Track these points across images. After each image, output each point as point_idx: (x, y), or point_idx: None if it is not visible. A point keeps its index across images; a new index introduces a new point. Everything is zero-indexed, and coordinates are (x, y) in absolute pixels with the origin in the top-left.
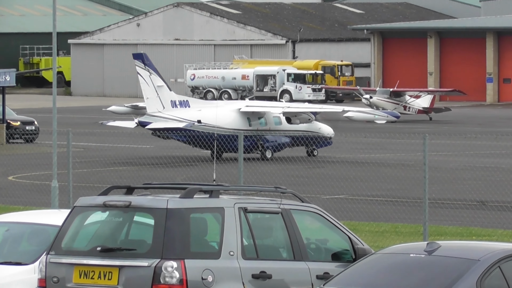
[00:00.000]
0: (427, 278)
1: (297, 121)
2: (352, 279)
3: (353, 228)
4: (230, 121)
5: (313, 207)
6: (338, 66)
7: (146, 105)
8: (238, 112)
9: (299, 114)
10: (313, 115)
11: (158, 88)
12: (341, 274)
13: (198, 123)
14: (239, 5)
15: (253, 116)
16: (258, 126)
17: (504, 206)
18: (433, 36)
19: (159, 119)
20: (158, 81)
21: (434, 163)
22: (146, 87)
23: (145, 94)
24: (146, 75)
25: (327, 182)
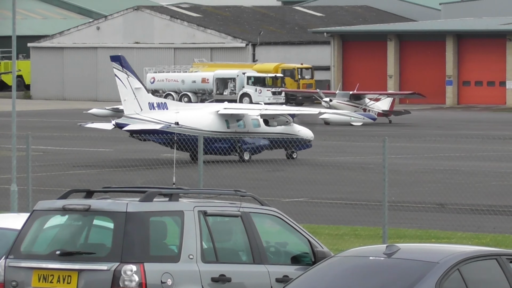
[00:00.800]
0: (387, 281)
1: (274, 123)
2: (311, 282)
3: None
4: (208, 123)
5: (272, 210)
6: (298, 69)
7: (123, 107)
8: (216, 115)
9: (277, 116)
10: (290, 117)
11: (136, 90)
12: (300, 277)
13: (176, 125)
14: (199, 8)
15: (231, 119)
16: (236, 128)
17: (464, 208)
18: (393, 39)
19: (137, 121)
20: (136, 83)
21: (393, 166)
22: (124, 89)
23: (122, 96)
24: (123, 77)
25: (286, 185)
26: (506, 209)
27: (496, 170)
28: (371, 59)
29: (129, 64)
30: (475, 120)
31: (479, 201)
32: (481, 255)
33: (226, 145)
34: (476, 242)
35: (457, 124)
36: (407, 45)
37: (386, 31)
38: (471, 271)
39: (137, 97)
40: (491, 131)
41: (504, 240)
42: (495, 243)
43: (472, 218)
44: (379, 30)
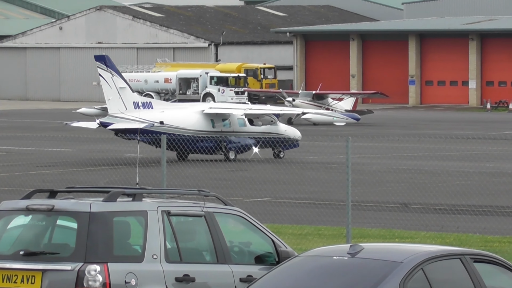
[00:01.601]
0: (350, 281)
1: (259, 123)
2: (275, 282)
3: (276, 230)
4: (193, 122)
5: (236, 210)
6: (260, 69)
7: (108, 106)
8: (201, 114)
9: (261, 116)
10: (275, 117)
11: (120, 90)
12: (264, 277)
13: (161, 124)
14: (162, 8)
15: (217, 118)
16: (221, 127)
17: (427, 208)
18: (355, 38)
19: (121, 120)
20: (120, 83)
21: (357, 166)
22: (108, 89)
23: (106, 96)
24: (108, 77)
25: (250, 185)
26: (469, 208)
27: (459, 169)
28: (333, 59)
29: (113, 63)
30: (438, 119)
31: (442, 200)
32: (445, 254)
33: (211, 144)
34: (439, 242)
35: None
36: (370, 44)
37: (348, 30)
38: (435, 271)
39: (122, 96)
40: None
41: (467, 239)
42: (458, 242)
43: (436, 218)
44: (341, 30)
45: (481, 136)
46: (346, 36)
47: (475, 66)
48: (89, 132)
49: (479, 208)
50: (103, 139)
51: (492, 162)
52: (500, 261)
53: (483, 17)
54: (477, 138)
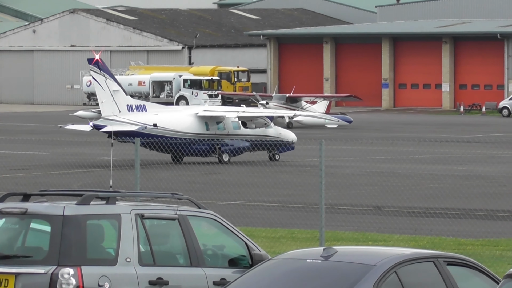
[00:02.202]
0: (324, 284)
1: (252, 125)
2: (248, 285)
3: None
4: (187, 125)
5: (209, 213)
6: (234, 72)
7: (101, 108)
8: (195, 117)
9: (255, 118)
10: (269, 119)
11: (114, 93)
12: (237, 280)
13: (154, 127)
14: (135, 11)
15: (211, 121)
16: (216, 130)
17: (400, 211)
18: (329, 41)
19: (114, 123)
20: (114, 86)
21: (330, 169)
22: (101, 92)
23: (99, 98)
24: (101, 80)
25: (223, 188)
26: (442, 211)
27: (433, 172)
28: (307, 62)
29: (107, 67)
30: (411, 122)
31: (415, 203)
32: (418, 257)
33: (205, 147)
34: (413, 245)
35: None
36: (343, 48)
37: (322, 33)
38: (408, 274)
39: (115, 99)
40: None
41: (440, 242)
42: (432, 245)
43: (409, 221)
44: (315, 33)
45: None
46: (320, 39)
47: (448, 69)
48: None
49: (452, 211)
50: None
51: (465, 165)
52: (473, 264)
53: (456, 20)
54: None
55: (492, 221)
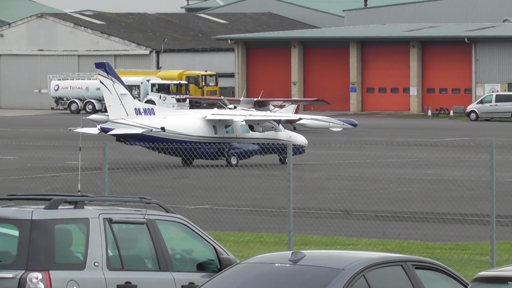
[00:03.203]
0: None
1: (259, 129)
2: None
3: (218, 238)
4: (195, 128)
5: (178, 217)
6: (202, 76)
7: (109, 112)
8: (203, 120)
9: (262, 122)
10: (276, 123)
11: (122, 96)
12: (206, 284)
13: (162, 130)
14: (103, 15)
15: (219, 124)
16: (224, 133)
17: (368, 215)
18: (296, 46)
19: (122, 126)
20: (122, 90)
21: (298, 173)
22: (109, 95)
23: (107, 102)
24: (109, 84)
25: (192, 192)
26: (410, 215)
27: (401, 176)
28: (275, 66)
29: (114, 70)
30: (379, 126)
31: (383, 207)
32: (387, 261)
33: (213, 150)
34: (381, 249)
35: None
36: (311, 52)
37: (290, 38)
38: (376, 278)
39: (123, 102)
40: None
41: (409, 246)
42: (400, 249)
43: (377, 225)
44: (283, 37)
45: (422, 143)
46: (287, 43)
47: (416, 73)
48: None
49: (420, 215)
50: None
51: (433, 169)
52: (441, 268)
53: (424, 25)
54: (418, 145)
55: (460, 225)
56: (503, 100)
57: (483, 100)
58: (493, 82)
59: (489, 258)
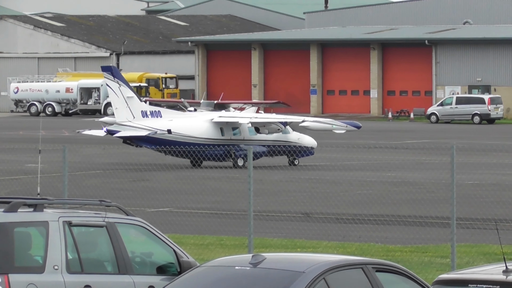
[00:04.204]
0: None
1: (265, 131)
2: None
3: (178, 241)
4: (203, 131)
5: (137, 220)
6: (162, 78)
7: (115, 115)
8: (211, 122)
9: (268, 124)
10: (282, 125)
11: (128, 99)
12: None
13: (168, 132)
14: (63, 18)
15: (226, 127)
16: (231, 136)
17: (329, 217)
18: (257, 48)
19: (128, 128)
20: (128, 92)
21: (258, 175)
22: (115, 98)
23: (114, 105)
24: (115, 87)
25: (151, 195)
26: (371, 218)
27: (361, 179)
28: (235, 68)
29: (121, 73)
30: None
31: (344, 210)
32: (347, 264)
33: (220, 152)
34: (341, 251)
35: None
36: (271, 54)
37: (250, 40)
38: (337, 281)
39: (129, 105)
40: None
41: (369, 249)
42: (360, 252)
43: (338, 227)
44: (243, 39)
45: (382, 145)
46: (248, 45)
47: (377, 76)
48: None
49: (380, 218)
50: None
51: (394, 172)
52: (401, 271)
53: (384, 27)
54: (379, 147)
55: (420, 227)
56: (464, 102)
57: (443, 102)
58: (454, 84)
59: (450, 261)
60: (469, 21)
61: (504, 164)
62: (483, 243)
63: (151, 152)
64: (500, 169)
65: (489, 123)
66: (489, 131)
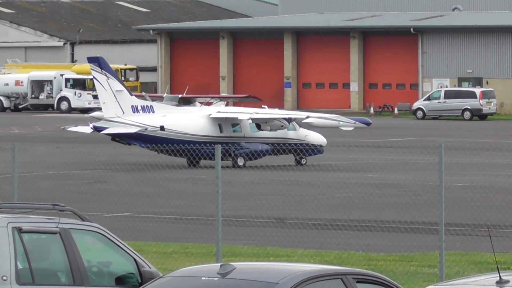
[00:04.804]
0: None
1: (267, 128)
2: None
3: (139, 249)
4: (199, 127)
5: (94, 226)
6: (121, 70)
7: (103, 110)
8: (208, 118)
9: (270, 120)
10: (286, 121)
11: (117, 93)
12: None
13: (161, 129)
14: (12, 3)
15: (225, 123)
16: (230, 133)
17: (305, 223)
18: (225, 37)
19: (117, 124)
20: (117, 86)
21: (227, 177)
22: (103, 92)
23: (101, 99)
24: (103, 80)
25: (110, 198)
26: (351, 223)
27: (340, 180)
28: (202, 59)
29: (109, 65)
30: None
31: (321, 215)
32: (325, 274)
33: None
34: (319, 260)
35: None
36: (242, 43)
37: (218, 28)
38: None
39: (119, 100)
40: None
41: (349, 257)
42: (339, 261)
43: (315, 234)
44: (210, 27)
45: (363, 143)
46: (216, 34)
47: (357, 67)
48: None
49: (362, 223)
50: None
51: (376, 173)
52: (385, 281)
53: (366, 13)
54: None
55: (406, 234)
56: (453, 96)
57: (430, 96)
58: (442, 76)
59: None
60: (459, 7)
61: (497, 164)
62: (474, 251)
63: (109, 151)
64: (493, 170)
65: (481, 119)
66: (481, 128)
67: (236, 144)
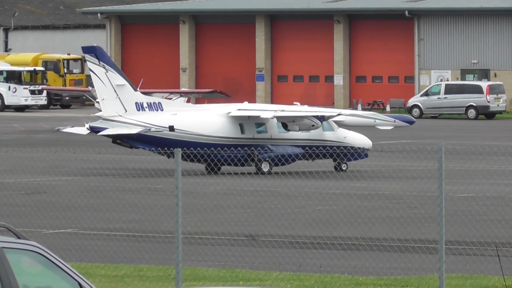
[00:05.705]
0: None
1: (296, 128)
2: None
3: (85, 271)
4: (216, 128)
5: (32, 245)
6: (64, 60)
7: (102, 107)
8: (227, 117)
9: (298, 119)
10: (318, 120)
11: (118, 88)
12: None
13: (170, 130)
14: None
15: (247, 122)
16: (254, 134)
17: (280, 241)
18: (186, 21)
19: (117, 124)
20: (118, 80)
21: (189, 187)
22: (101, 87)
23: (100, 95)
24: (101, 73)
25: (50, 212)
26: (335, 241)
27: (322, 191)
28: (159, 48)
29: (108, 56)
30: None
31: (300, 231)
32: None
33: (238, 154)
34: (297, 285)
35: None
36: (205, 29)
37: (177, 11)
38: None
39: (120, 95)
40: None
41: (332, 281)
42: (322, 285)
43: (292, 254)
44: (168, 10)
45: None
46: (175, 18)
47: (342, 57)
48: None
49: (347, 241)
50: None
51: (365, 181)
52: None
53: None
54: None
55: (399, 253)
56: (455, 91)
57: (429, 91)
58: (442, 68)
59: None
60: None
61: (507, 171)
62: (480, 274)
63: (49, 157)
64: (502, 178)
65: (488, 118)
66: (488, 128)
67: (260, 147)
